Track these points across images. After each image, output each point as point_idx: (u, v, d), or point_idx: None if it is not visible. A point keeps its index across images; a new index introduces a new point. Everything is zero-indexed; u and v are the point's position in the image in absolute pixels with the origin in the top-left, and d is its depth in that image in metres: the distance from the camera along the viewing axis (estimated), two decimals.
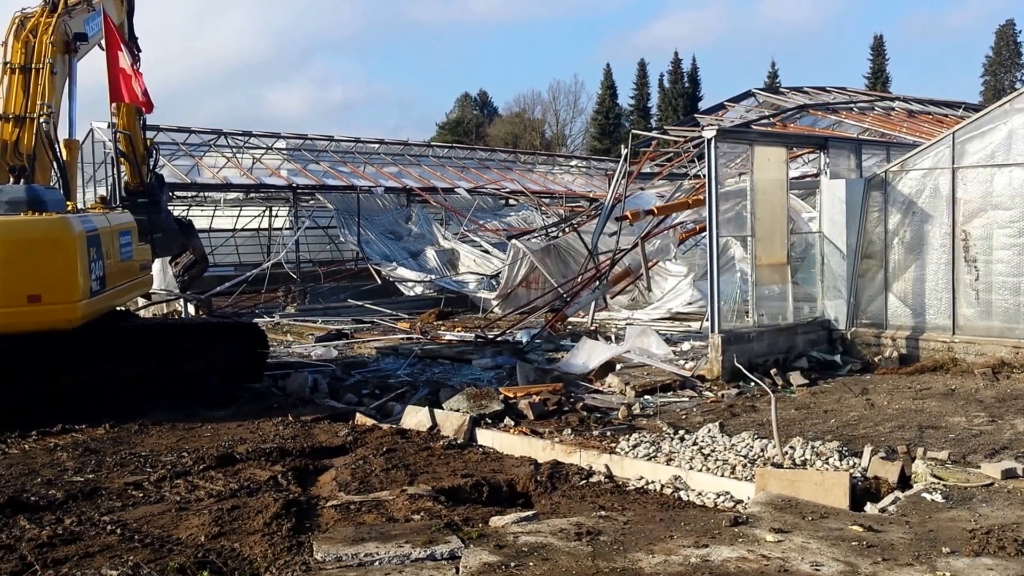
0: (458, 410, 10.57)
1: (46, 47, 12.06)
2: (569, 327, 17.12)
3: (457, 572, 5.49)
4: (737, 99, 25.83)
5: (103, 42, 12.93)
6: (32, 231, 10.03)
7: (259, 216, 33.78)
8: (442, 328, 18.23)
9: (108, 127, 13.47)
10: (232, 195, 29.57)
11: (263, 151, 28.74)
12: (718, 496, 7.93)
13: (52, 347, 10.70)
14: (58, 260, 10.01)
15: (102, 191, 23.14)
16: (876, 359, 13.11)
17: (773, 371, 12.24)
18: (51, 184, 12.13)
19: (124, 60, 12.95)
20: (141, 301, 15.13)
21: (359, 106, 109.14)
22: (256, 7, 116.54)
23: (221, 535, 6.59)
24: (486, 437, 10.04)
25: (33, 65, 12.11)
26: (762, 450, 8.64)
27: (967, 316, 12.75)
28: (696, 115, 26.11)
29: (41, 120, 11.92)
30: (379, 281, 24.03)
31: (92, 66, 13.17)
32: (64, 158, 12.19)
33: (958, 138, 12.75)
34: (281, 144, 29.60)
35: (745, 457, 8.52)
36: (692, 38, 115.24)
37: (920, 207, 13.10)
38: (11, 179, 11.46)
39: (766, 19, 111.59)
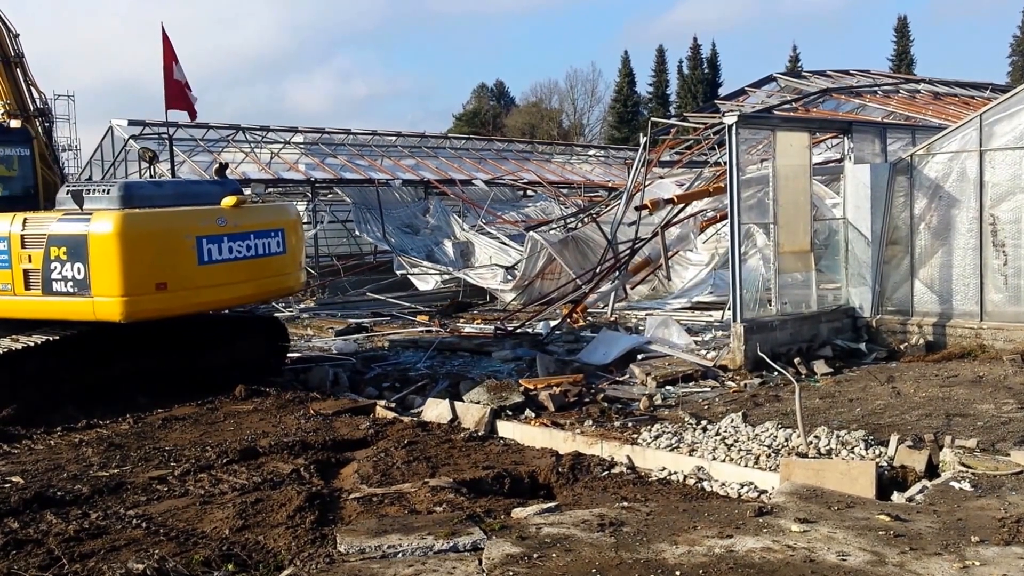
0: (478, 402, 10.56)
1: (14, 39, 12.27)
2: (589, 318, 17.05)
3: (480, 563, 5.47)
4: (758, 84, 25.57)
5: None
6: (293, 213, 12.76)
7: None
8: (461, 320, 18.21)
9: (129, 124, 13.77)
10: (251, 190, 29.65)
11: (281, 145, 28.82)
12: (742, 486, 7.87)
13: (81, 342, 10.84)
14: (302, 236, 12.88)
15: None
16: (902, 347, 12.96)
17: (797, 360, 12.12)
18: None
19: (177, 72, 13.44)
20: None
21: (381, 99, 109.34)
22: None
23: (245, 528, 6.63)
24: (507, 429, 10.03)
25: (11, 59, 12.27)
26: (786, 440, 8.56)
27: (995, 302, 12.56)
28: (716, 101, 25.89)
29: (35, 116, 12.18)
30: (398, 274, 24.04)
31: (100, 66, 13.49)
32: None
33: (985, 120, 12.53)
34: (299, 138, 29.64)
35: (769, 447, 8.45)
36: (711, 23, 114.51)
37: (947, 191, 12.91)
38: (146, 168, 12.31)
39: (786, 2, 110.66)
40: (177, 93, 13.70)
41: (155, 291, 10.45)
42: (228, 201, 11.34)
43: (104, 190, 10.94)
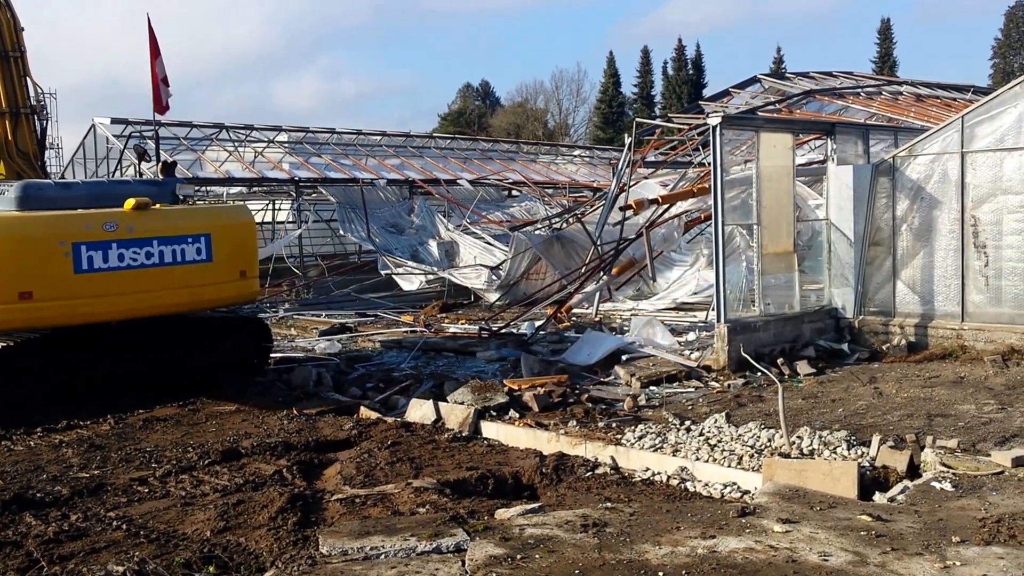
0: (463, 403, 10.54)
1: (18, 34, 12.12)
2: (574, 319, 17.06)
3: (463, 565, 5.45)
4: (742, 85, 25.59)
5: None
6: (234, 216, 12.20)
7: (262, 210, 33.73)
8: (446, 321, 18.19)
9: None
10: (235, 189, 29.54)
11: (265, 144, 28.68)
12: (725, 487, 7.89)
13: (67, 343, 10.74)
14: (253, 240, 12.20)
15: None
16: (884, 347, 13.03)
17: (780, 360, 12.17)
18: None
19: (159, 67, 13.31)
20: None
21: (368, 98, 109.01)
22: None
23: (227, 530, 6.60)
24: (491, 429, 10.01)
25: (11, 54, 12.13)
26: (769, 440, 8.59)
27: (976, 303, 12.65)
28: (700, 102, 25.90)
29: (27, 113, 12.05)
30: (383, 274, 24.00)
31: (87, 65, 13.36)
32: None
33: (967, 122, 12.62)
34: (283, 137, 29.51)
35: (752, 447, 8.47)
36: (696, 24, 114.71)
37: (928, 192, 12.99)
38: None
39: (771, 4, 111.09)
40: (155, 88, 13.54)
41: (18, 300, 9.85)
42: (129, 204, 10.71)
43: (3, 191, 10.55)
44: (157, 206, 11.12)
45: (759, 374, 11.49)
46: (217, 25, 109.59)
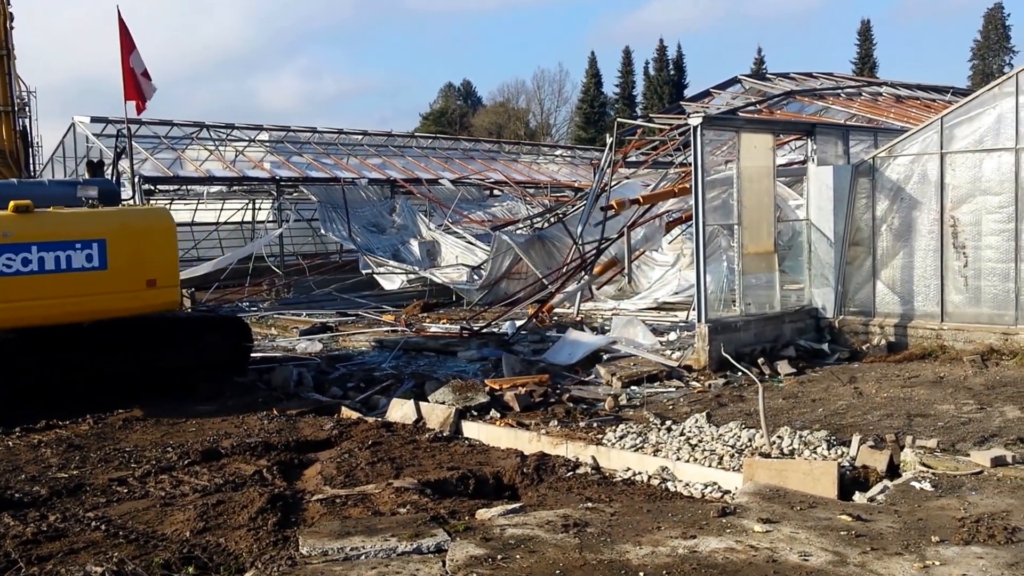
0: (444, 403, 10.51)
1: (7, 32, 11.99)
2: (555, 318, 17.07)
3: (443, 565, 5.43)
4: (723, 86, 25.72)
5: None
6: (143, 220, 11.36)
7: (242, 209, 33.58)
8: (427, 320, 18.15)
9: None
10: (215, 188, 29.40)
11: (246, 143, 28.53)
12: (705, 487, 7.91)
13: (42, 342, 10.61)
14: (170, 247, 11.20)
15: None
16: (864, 347, 13.11)
17: (760, 360, 12.22)
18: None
19: (134, 61, 13.15)
20: None
21: (349, 97, 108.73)
22: None
23: (206, 530, 6.55)
24: (472, 429, 10.00)
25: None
26: (750, 440, 8.62)
27: (956, 303, 12.75)
28: (682, 102, 26.01)
29: (7, 111, 11.91)
30: (364, 274, 23.94)
31: (69, 63, 13.23)
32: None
33: (946, 123, 12.72)
34: (264, 136, 29.39)
35: (732, 447, 8.50)
36: (676, 24, 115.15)
37: (908, 193, 13.09)
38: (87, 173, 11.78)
39: (751, 4, 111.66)
40: (131, 83, 13.34)
41: None
42: (10, 207, 10.19)
43: None
44: (50, 209, 10.53)
45: (740, 374, 11.53)
46: (195, 22, 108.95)
